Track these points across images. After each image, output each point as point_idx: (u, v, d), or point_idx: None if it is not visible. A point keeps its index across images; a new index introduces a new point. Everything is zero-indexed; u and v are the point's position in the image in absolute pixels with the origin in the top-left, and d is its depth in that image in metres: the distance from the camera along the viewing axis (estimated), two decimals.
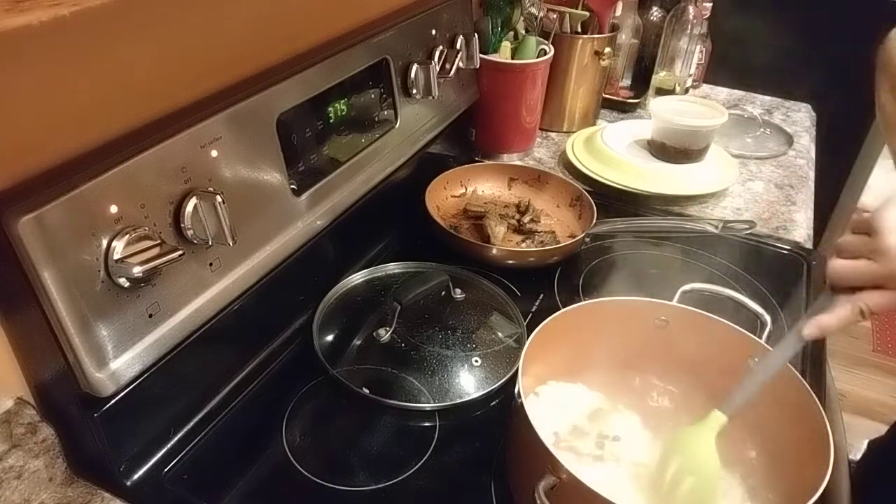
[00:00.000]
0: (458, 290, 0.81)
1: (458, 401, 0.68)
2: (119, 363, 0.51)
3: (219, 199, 0.53)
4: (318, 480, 0.61)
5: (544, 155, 1.23)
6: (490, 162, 1.14)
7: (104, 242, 0.48)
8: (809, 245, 0.99)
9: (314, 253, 0.73)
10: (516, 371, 0.56)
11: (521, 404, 0.53)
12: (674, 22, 1.33)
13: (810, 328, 0.54)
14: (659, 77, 1.39)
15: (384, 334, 0.74)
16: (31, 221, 0.43)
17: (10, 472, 0.53)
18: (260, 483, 0.61)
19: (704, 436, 0.55)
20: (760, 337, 0.62)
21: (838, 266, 0.53)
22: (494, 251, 0.87)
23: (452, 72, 0.92)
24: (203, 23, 0.60)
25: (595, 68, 1.23)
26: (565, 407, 0.64)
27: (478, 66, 1.02)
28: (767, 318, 0.65)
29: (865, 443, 1.07)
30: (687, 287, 0.69)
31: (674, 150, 1.11)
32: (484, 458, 0.64)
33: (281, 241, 0.66)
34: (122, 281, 0.49)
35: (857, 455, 1.06)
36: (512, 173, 1.06)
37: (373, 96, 0.80)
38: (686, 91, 1.41)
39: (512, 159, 1.19)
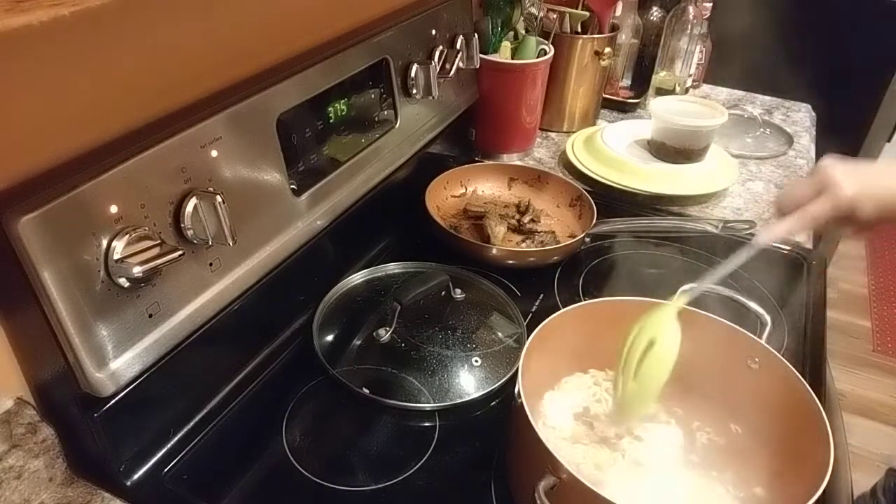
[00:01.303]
0: (458, 290, 0.81)
1: (458, 401, 0.68)
2: (119, 363, 0.51)
3: (219, 199, 0.53)
4: (318, 480, 0.61)
5: (544, 155, 1.23)
6: (490, 162, 1.13)
7: (104, 242, 0.48)
8: (809, 245, 0.98)
9: (314, 253, 0.73)
10: (516, 371, 0.56)
11: (521, 404, 0.53)
12: (674, 22, 1.33)
13: (763, 235, 0.61)
14: (659, 77, 1.39)
15: (384, 334, 0.74)
16: (31, 221, 0.43)
17: (10, 472, 0.53)
18: (260, 483, 0.61)
19: (666, 309, 0.59)
20: (760, 337, 0.62)
21: (783, 192, 0.62)
22: (494, 251, 0.87)
23: (452, 72, 0.92)
24: (203, 23, 0.60)
25: (595, 68, 1.23)
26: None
27: (478, 66, 1.02)
28: (767, 318, 0.65)
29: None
30: (687, 287, 0.69)
31: (674, 150, 1.11)
32: (484, 458, 0.64)
33: (281, 241, 0.66)
34: (122, 281, 0.49)
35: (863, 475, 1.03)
36: (512, 173, 1.06)
37: (373, 96, 0.80)
38: (686, 91, 1.41)
39: (512, 159, 1.19)
